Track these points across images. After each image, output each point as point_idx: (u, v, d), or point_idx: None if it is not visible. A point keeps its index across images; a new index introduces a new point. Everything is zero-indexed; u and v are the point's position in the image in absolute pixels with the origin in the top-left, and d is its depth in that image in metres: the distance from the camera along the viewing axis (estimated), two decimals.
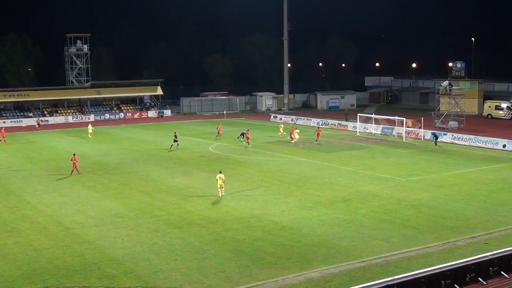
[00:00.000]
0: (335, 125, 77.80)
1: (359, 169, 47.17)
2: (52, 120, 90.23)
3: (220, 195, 37.81)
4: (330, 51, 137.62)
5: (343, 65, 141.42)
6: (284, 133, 67.51)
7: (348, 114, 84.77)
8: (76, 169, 46.19)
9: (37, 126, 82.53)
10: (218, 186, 37.71)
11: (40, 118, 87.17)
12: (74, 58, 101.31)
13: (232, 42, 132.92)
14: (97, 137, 70.19)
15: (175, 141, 59.34)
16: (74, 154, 47.14)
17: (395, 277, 21.74)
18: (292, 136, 62.69)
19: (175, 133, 61.47)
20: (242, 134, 64.70)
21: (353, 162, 50.72)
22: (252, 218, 32.75)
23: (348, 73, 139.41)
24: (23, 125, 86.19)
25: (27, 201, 37.77)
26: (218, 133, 67.39)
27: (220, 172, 38.17)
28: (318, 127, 67.79)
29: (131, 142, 65.67)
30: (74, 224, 32.05)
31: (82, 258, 26.43)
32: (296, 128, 64.81)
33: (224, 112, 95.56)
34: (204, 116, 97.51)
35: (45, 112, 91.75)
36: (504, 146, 58.10)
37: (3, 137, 65.39)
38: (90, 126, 72.33)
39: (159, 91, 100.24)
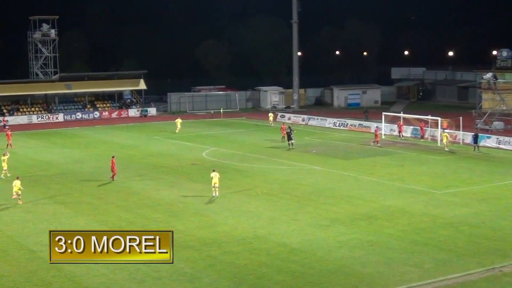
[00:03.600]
0: (355, 126, 77.75)
1: (385, 180, 47.20)
2: (12, 120, 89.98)
3: (213, 194, 40.54)
4: (349, 37, 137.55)
5: (365, 53, 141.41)
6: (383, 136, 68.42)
7: (367, 112, 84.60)
8: (113, 175, 47.23)
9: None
10: (213, 184, 40.43)
11: (5, 118, 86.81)
12: (40, 46, 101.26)
13: (230, 26, 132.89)
14: (67, 141, 70.25)
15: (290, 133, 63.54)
16: (113, 156, 48.21)
17: None
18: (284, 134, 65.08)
19: (289, 126, 65.49)
20: (290, 134, 63.37)
21: (377, 171, 50.76)
22: (255, 239, 32.75)
23: (371, 63, 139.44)
24: None
25: None
26: (283, 134, 66.59)
27: (214, 171, 40.82)
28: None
29: (108, 147, 65.66)
30: (39, 246, 31.91)
31: (49, 287, 26.42)
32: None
33: (221, 110, 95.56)
34: (196, 115, 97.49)
35: (4, 111, 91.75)
36: None
37: (9, 141, 64.49)
38: (179, 120, 77.20)
39: (142, 85, 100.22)
